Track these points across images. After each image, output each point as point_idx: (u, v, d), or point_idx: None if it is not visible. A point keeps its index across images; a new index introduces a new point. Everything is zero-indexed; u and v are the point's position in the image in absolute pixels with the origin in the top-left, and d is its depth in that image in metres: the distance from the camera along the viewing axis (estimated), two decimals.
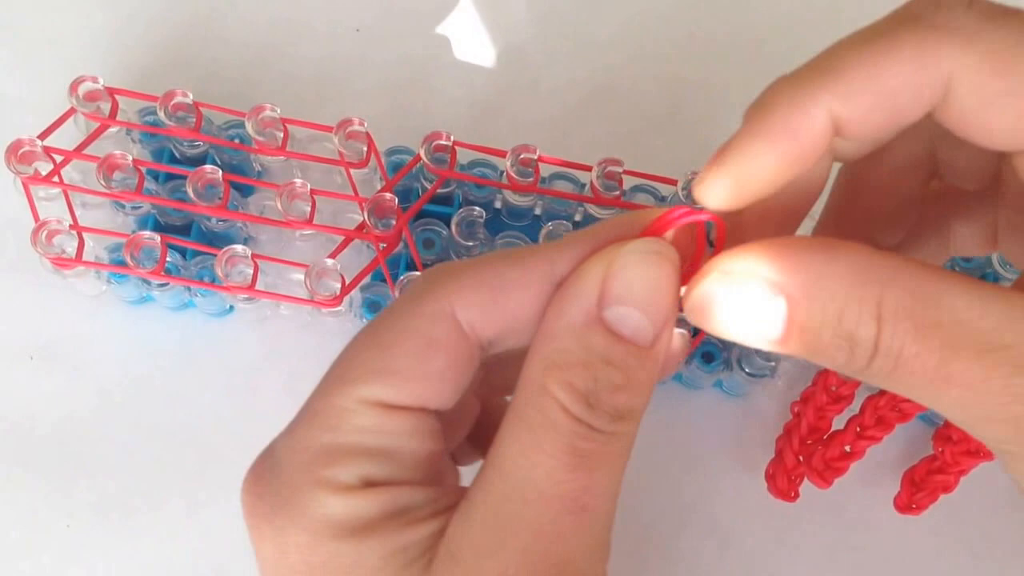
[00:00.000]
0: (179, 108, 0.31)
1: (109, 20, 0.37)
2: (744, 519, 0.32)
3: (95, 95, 0.31)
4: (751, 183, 0.19)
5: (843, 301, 0.18)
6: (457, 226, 0.31)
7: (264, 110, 0.31)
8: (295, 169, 0.33)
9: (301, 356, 0.33)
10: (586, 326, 0.19)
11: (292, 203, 0.30)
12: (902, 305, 0.18)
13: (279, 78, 0.37)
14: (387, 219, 0.30)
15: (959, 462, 0.30)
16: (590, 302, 0.19)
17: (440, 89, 0.37)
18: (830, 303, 0.18)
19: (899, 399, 0.29)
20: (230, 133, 0.33)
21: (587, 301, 0.19)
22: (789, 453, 0.31)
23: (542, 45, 0.38)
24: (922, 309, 0.17)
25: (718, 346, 0.31)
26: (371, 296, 0.31)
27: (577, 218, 0.34)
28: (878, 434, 0.30)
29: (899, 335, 0.18)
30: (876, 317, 0.18)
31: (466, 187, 0.33)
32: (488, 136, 0.32)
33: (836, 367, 0.19)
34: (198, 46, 0.37)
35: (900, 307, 0.17)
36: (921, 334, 0.17)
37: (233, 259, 0.29)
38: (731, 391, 0.33)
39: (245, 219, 0.31)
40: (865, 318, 0.18)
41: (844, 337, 0.18)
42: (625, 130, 0.37)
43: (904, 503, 0.32)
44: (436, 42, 0.38)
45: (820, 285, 0.18)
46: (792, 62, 0.28)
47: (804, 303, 0.18)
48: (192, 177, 0.30)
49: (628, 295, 0.19)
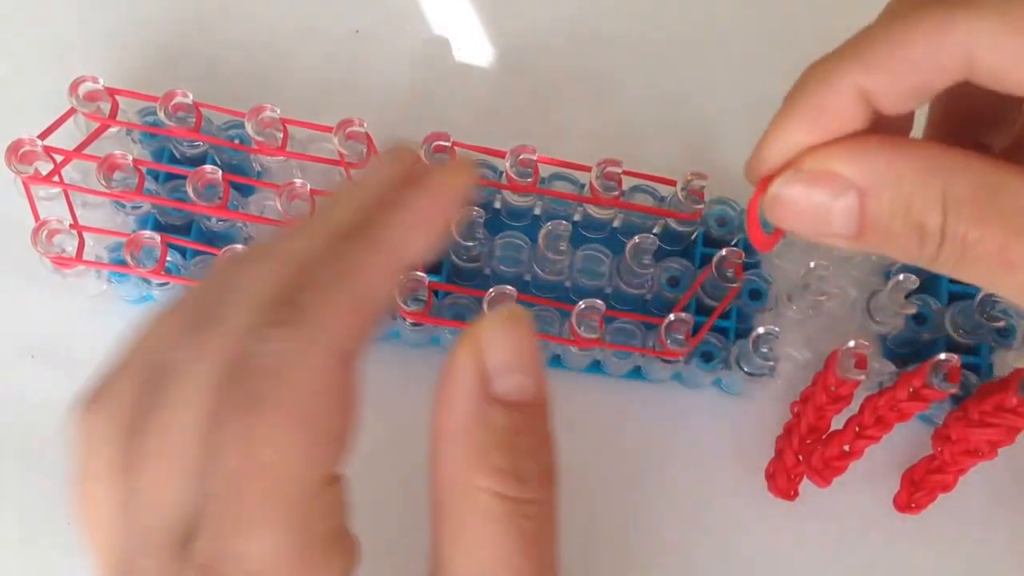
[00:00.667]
0: (179, 108, 0.31)
1: (110, 20, 0.38)
2: (744, 518, 0.32)
3: (95, 95, 0.31)
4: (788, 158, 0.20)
5: (910, 191, 0.19)
6: (457, 226, 0.31)
7: (264, 110, 0.31)
8: (295, 169, 0.33)
9: None
10: (481, 409, 0.19)
11: (292, 203, 0.30)
12: (965, 193, 0.18)
13: (279, 78, 0.37)
14: None
15: (958, 462, 0.30)
16: (476, 386, 0.19)
17: (440, 90, 0.37)
18: (899, 193, 0.19)
19: (898, 399, 0.29)
20: (230, 133, 0.33)
21: (473, 386, 0.19)
22: (789, 452, 0.31)
23: (541, 46, 0.38)
24: (984, 197, 0.18)
25: (717, 345, 0.31)
26: None
27: (576, 218, 0.34)
28: (877, 434, 0.30)
29: (963, 221, 0.19)
30: (942, 205, 0.19)
31: None
32: (487, 137, 0.32)
33: (910, 258, 0.20)
34: (198, 47, 0.37)
35: (963, 195, 0.18)
36: (983, 220, 0.18)
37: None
38: (730, 390, 0.34)
39: (245, 219, 0.31)
40: (932, 205, 0.19)
41: (914, 226, 0.19)
42: (625, 130, 0.37)
43: (903, 502, 0.32)
44: (436, 43, 0.38)
45: (889, 177, 0.19)
46: (793, 62, 0.28)
47: (874, 195, 0.19)
48: (192, 177, 0.30)
49: (506, 364, 0.20)
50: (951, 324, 0.32)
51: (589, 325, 0.29)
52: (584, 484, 0.32)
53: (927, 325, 0.32)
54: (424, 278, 0.29)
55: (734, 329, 0.32)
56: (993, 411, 0.29)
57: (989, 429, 0.30)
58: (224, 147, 0.32)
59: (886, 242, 0.20)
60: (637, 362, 0.32)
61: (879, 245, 0.20)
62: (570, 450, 0.33)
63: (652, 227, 0.33)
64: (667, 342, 0.29)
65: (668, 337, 0.29)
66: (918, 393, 0.29)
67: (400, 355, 0.33)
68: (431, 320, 0.30)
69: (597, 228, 0.34)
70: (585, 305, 0.29)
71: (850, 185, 0.19)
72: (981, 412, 0.30)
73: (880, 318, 0.32)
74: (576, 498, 0.32)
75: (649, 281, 0.31)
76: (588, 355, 0.32)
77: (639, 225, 0.33)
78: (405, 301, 0.29)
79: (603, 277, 0.32)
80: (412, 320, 0.30)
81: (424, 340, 0.33)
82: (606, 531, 0.32)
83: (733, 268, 0.30)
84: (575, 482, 0.32)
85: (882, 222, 0.20)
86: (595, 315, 0.29)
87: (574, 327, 0.29)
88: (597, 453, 0.33)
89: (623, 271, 0.31)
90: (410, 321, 0.30)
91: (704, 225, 0.33)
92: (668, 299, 0.32)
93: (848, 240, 0.20)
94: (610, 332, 0.31)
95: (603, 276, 0.32)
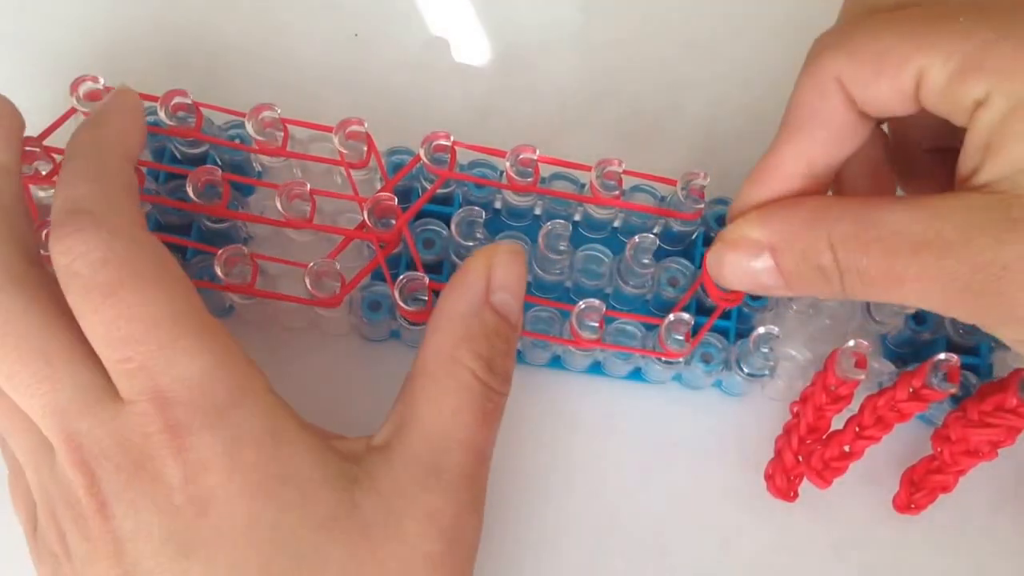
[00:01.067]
0: (179, 108, 0.31)
1: (110, 20, 0.38)
2: (743, 519, 0.32)
3: (95, 95, 0.31)
4: None
5: (804, 241, 0.23)
6: (457, 226, 0.31)
7: (264, 110, 0.31)
8: (295, 169, 0.33)
9: (303, 353, 0.33)
10: (480, 308, 0.25)
11: (292, 203, 0.30)
12: (847, 231, 0.22)
13: (279, 79, 0.37)
14: (387, 219, 0.30)
15: (958, 462, 0.30)
16: (481, 290, 0.25)
17: (440, 90, 0.37)
18: (796, 246, 0.23)
19: (898, 399, 0.29)
20: (230, 133, 0.33)
21: (479, 290, 0.25)
22: (788, 453, 0.31)
23: (541, 46, 0.38)
24: (864, 230, 0.22)
25: (717, 346, 0.31)
26: (371, 296, 0.31)
27: (577, 218, 0.34)
28: (877, 434, 0.30)
29: (851, 255, 0.22)
30: (829, 246, 0.22)
31: (466, 187, 0.33)
32: (488, 136, 0.32)
33: (830, 296, 0.23)
34: (198, 47, 0.37)
35: (846, 233, 0.22)
36: (865, 250, 0.22)
37: (232, 259, 0.29)
38: (730, 391, 0.34)
39: (245, 219, 0.31)
40: (823, 249, 0.23)
41: (816, 269, 0.23)
42: (625, 130, 0.37)
43: (903, 503, 0.32)
44: (435, 44, 0.38)
45: (787, 233, 0.23)
46: (791, 60, 0.28)
47: (780, 250, 0.24)
48: (192, 177, 0.30)
49: (505, 285, 0.26)
50: (951, 324, 0.32)
51: (589, 325, 0.29)
52: (585, 485, 0.32)
53: (927, 325, 0.32)
54: (424, 278, 0.29)
55: (734, 329, 0.32)
56: (993, 411, 0.29)
57: (989, 429, 0.30)
58: (224, 147, 0.32)
59: (807, 287, 0.24)
60: (638, 363, 0.32)
61: (804, 290, 0.24)
62: (571, 451, 0.33)
63: (653, 227, 0.33)
64: (667, 343, 0.29)
65: (668, 338, 0.29)
66: (918, 393, 0.29)
67: (400, 355, 0.33)
68: None
69: (597, 228, 0.34)
70: (585, 305, 0.29)
71: (762, 246, 0.24)
72: (981, 412, 0.30)
73: (880, 318, 0.32)
74: (576, 498, 0.32)
75: (649, 281, 0.31)
76: (589, 356, 0.32)
77: (639, 225, 0.33)
78: (405, 301, 0.29)
79: (603, 277, 0.32)
80: (412, 320, 0.30)
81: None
82: (606, 531, 0.32)
83: None
84: (576, 482, 0.32)
85: (795, 271, 0.23)
86: (595, 315, 0.29)
87: (574, 327, 0.29)
88: (597, 454, 0.33)
89: (623, 271, 0.31)
90: (410, 321, 0.30)
91: (704, 225, 0.33)
92: (668, 299, 0.32)
93: (783, 291, 0.24)
94: (611, 333, 0.31)
95: (603, 276, 0.32)
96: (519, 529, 0.32)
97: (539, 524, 0.32)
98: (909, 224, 0.21)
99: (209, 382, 0.23)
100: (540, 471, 0.32)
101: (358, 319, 0.32)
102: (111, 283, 0.22)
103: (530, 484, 0.32)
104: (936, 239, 0.21)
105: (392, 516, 0.24)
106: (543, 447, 0.26)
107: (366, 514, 0.23)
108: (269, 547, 0.23)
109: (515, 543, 0.31)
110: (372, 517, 0.23)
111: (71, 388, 0.23)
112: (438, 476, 0.24)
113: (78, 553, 0.23)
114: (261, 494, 0.23)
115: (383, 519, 0.23)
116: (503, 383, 0.26)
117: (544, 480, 0.32)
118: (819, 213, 0.23)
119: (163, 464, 0.23)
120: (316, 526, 0.23)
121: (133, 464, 0.23)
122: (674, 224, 0.32)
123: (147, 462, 0.23)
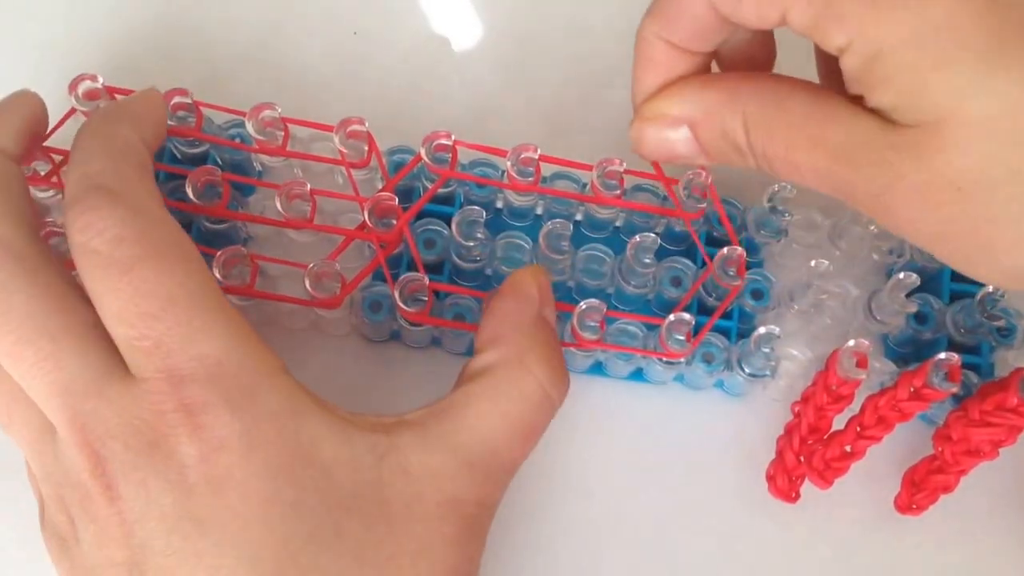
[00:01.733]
0: (180, 108, 0.31)
1: (110, 20, 0.37)
2: (744, 520, 0.32)
3: (94, 94, 0.31)
4: None
5: (721, 118, 0.24)
6: (458, 226, 0.31)
7: (265, 110, 0.31)
8: (296, 169, 0.33)
9: (303, 354, 0.33)
10: (539, 320, 0.26)
11: (292, 203, 0.30)
12: (758, 112, 0.24)
13: (280, 78, 0.37)
14: (388, 219, 0.30)
15: (959, 462, 0.30)
16: (538, 303, 0.27)
17: (440, 89, 0.37)
18: (714, 122, 0.25)
19: (899, 399, 0.29)
20: (231, 133, 0.33)
21: (536, 302, 0.27)
22: (790, 453, 0.31)
23: (542, 45, 0.38)
24: (772, 113, 0.23)
25: (718, 347, 0.31)
26: (372, 296, 0.31)
27: (578, 217, 0.34)
28: (878, 434, 0.30)
29: (759, 137, 0.24)
30: (743, 125, 0.24)
31: (467, 187, 0.33)
32: (489, 136, 0.32)
33: (745, 166, 0.25)
34: (199, 46, 0.37)
35: (757, 114, 0.24)
36: (771, 135, 0.23)
37: (232, 260, 0.29)
38: (731, 391, 0.33)
39: (245, 219, 0.31)
40: (737, 127, 0.24)
41: (732, 145, 0.25)
42: (625, 130, 0.37)
43: (904, 503, 0.32)
44: (435, 43, 0.38)
45: (704, 109, 0.25)
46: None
47: (699, 125, 0.25)
48: (192, 177, 0.30)
49: (550, 302, 0.27)
50: (952, 323, 0.32)
51: (590, 326, 0.29)
52: (586, 485, 0.32)
53: (928, 324, 0.32)
54: (425, 278, 0.29)
55: (736, 329, 0.32)
56: (994, 411, 0.29)
57: (990, 429, 0.30)
58: (225, 146, 0.32)
59: (724, 158, 0.25)
60: (639, 363, 0.32)
61: (720, 160, 0.26)
62: (571, 451, 0.33)
63: (654, 226, 0.33)
64: (668, 343, 0.29)
65: (669, 338, 0.29)
66: (919, 393, 0.29)
67: (401, 355, 0.33)
68: (432, 320, 0.30)
69: (599, 227, 0.33)
70: (586, 305, 0.29)
71: (681, 121, 0.25)
72: (982, 412, 0.30)
73: (881, 317, 0.32)
74: (577, 499, 0.32)
75: (651, 281, 0.31)
76: (590, 356, 0.32)
77: (641, 224, 0.33)
78: (406, 302, 0.29)
79: (605, 277, 0.32)
80: (413, 320, 0.30)
81: (425, 340, 0.33)
82: (607, 532, 0.32)
83: (735, 267, 0.30)
84: (576, 483, 0.32)
85: (712, 144, 0.25)
86: (596, 315, 0.29)
87: (575, 328, 0.29)
88: (599, 455, 0.33)
89: (625, 271, 0.31)
90: (411, 321, 0.30)
91: (706, 224, 0.33)
92: (670, 299, 0.32)
93: (700, 160, 0.26)
94: (612, 333, 0.31)
95: (605, 276, 0.32)
96: (519, 529, 0.32)
97: (539, 524, 0.32)
98: (807, 119, 0.23)
99: (227, 361, 0.22)
100: (540, 471, 0.32)
101: (359, 320, 0.32)
102: (129, 259, 0.22)
103: (531, 484, 0.32)
104: (829, 142, 0.23)
105: (416, 497, 0.23)
106: (543, 447, 0.26)
107: (390, 492, 0.23)
108: (286, 526, 0.22)
109: (515, 543, 0.31)
110: (396, 495, 0.23)
111: (77, 367, 0.22)
112: (471, 470, 0.24)
113: (85, 536, 0.23)
114: (281, 474, 0.22)
115: (406, 499, 0.23)
116: (561, 394, 0.26)
117: (544, 480, 0.32)
118: (733, 91, 0.24)
119: (177, 442, 0.22)
120: (336, 505, 0.23)
121: (145, 443, 0.22)
122: (675, 223, 0.32)
123: (160, 440, 0.22)
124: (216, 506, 0.22)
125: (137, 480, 0.22)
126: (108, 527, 0.22)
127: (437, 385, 0.27)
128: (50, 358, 0.23)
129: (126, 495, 0.22)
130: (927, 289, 0.33)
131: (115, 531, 0.22)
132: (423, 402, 0.27)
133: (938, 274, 0.33)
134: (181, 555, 0.22)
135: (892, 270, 0.34)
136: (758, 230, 0.33)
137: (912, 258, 0.33)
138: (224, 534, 0.22)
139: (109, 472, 0.22)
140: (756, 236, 0.33)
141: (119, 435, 0.22)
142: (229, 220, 0.31)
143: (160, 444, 0.22)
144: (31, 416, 0.24)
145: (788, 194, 0.32)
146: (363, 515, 0.23)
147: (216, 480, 0.22)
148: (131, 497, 0.22)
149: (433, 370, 0.33)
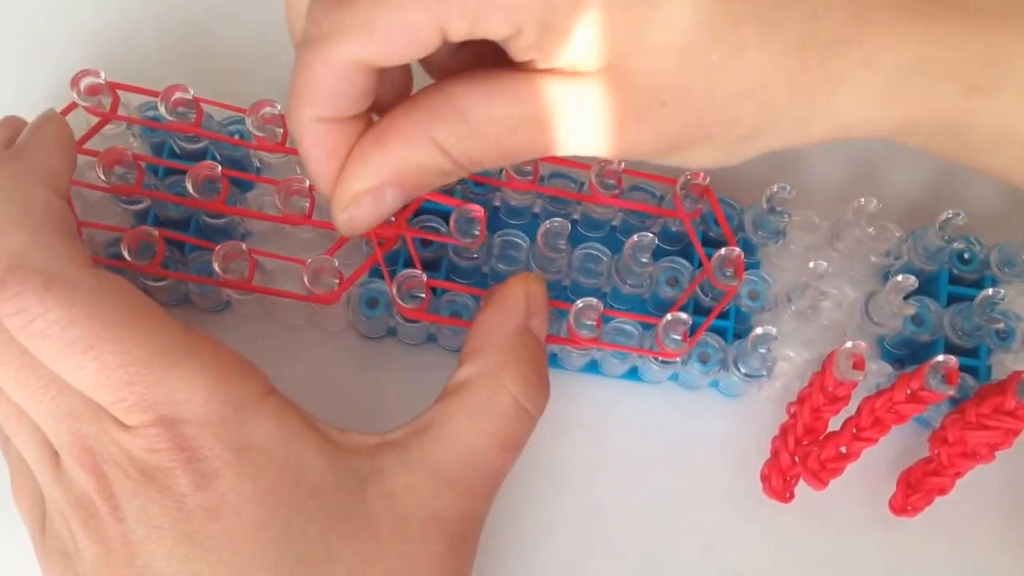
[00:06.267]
0: (180, 104, 0.31)
1: (111, 16, 0.38)
2: (739, 520, 0.32)
3: (96, 89, 0.31)
4: None
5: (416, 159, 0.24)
6: (456, 224, 0.31)
7: (264, 106, 0.31)
8: (295, 165, 0.33)
9: (300, 349, 0.33)
10: (523, 332, 0.26)
11: (290, 199, 0.30)
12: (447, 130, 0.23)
13: (280, 76, 0.37)
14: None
15: (955, 464, 0.30)
16: (523, 315, 0.26)
17: None
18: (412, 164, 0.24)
19: (896, 401, 0.29)
20: (230, 129, 0.33)
21: (521, 314, 0.26)
22: (785, 454, 0.31)
23: None
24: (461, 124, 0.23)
25: (715, 347, 0.31)
26: (369, 292, 0.32)
27: (575, 216, 0.34)
28: (874, 435, 0.30)
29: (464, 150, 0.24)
30: (441, 151, 0.23)
31: (465, 184, 0.33)
32: None
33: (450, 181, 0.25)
34: (200, 42, 0.38)
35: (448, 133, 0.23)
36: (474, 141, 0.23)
37: (231, 254, 0.29)
38: (727, 392, 0.33)
39: (243, 215, 0.31)
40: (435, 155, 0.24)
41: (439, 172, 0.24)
42: None
43: (899, 505, 0.32)
44: None
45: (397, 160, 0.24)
46: None
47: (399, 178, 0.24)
48: (191, 172, 0.30)
49: (539, 313, 0.27)
50: (950, 326, 0.32)
51: (587, 324, 0.29)
52: (579, 484, 0.32)
53: (925, 326, 0.32)
54: (422, 275, 0.29)
55: (732, 330, 0.32)
56: (991, 414, 0.29)
57: (987, 432, 0.30)
58: (224, 143, 0.32)
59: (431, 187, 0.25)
60: (634, 363, 0.32)
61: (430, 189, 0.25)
62: (565, 450, 0.33)
63: (651, 226, 0.33)
64: (664, 342, 0.29)
65: (665, 337, 0.29)
66: (916, 395, 0.29)
67: (397, 352, 0.33)
68: (428, 317, 0.30)
69: (596, 227, 0.33)
70: (583, 304, 0.29)
71: (381, 188, 0.24)
72: (979, 415, 0.30)
73: (878, 319, 0.32)
74: (571, 498, 0.32)
75: (647, 280, 0.31)
76: (586, 355, 0.32)
77: (638, 224, 0.33)
78: (403, 298, 0.29)
79: (601, 276, 0.32)
80: (410, 317, 0.30)
81: (421, 337, 0.33)
82: (600, 531, 0.32)
83: (732, 268, 0.30)
84: (570, 482, 0.32)
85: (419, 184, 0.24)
86: (593, 314, 0.29)
87: (572, 326, 0.29)
88: (593, 454, 0.33)
89: (621, 270, 0.31)
90: (407, 318, 0.30)
91: (703, 224, 0.33)
92: (666, 298, 0.32)
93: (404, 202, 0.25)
94: (608, 332, 0.31)
95: (601, 275, 0.32)
96: (512, 528, 0.32)
97: (532, 523, 0.32)
98: (494, 111, 0.23)
99: (212, 398, 0.23)
100: (534, 470, 0.32)
101: (356, 315, 0.32)
102: (87, 338, 0.22)
103: (524, 483, 0.32)
104: (528, 119, 0.23)
105: (401, 517, 0.24)
106: (537, 445, 0.26)
107: (376, 513, 0.24)
108: (279, 548, 0.23)
109: (508, 542, 0.31)
110: (382, 516, 0.24)
111: (79, 395, 0.23)
112: (452, 487, 0.25)
113: (89, 555, 0.23)
114: (271, 498, 0.23)
115: (392, 519, 0.24)
116: (538, 408, 0.26)
117: (538, 479, 0.32)
118: (410, 131, 0.24)
119: (173, 475, 0.23)
120: (326, 526, 0.23)
121: (142, 474, 0.23)
122: (672, 223, 0.32)
123: (156, 473, 0.23)
124: (212, 530, 0.23)
125: (138, 505, 0.23)
126: (114, 546, 0.23)
127: (432, 382, 0.27)
128: (52, 385, 0.23)
129: (129, 517, 0.23)
130: (925, 292, 0.33)
131: (121, 550, 0.23)
132: (417, 398, 0.27)
133: (936, 277, 0.33)
134: None
135: (889, 272, 0.34)
136: (756, 231, 0.33)
137: (910, 260, 0.33)
138: (220, 556, 0.23)
139: (116, 493, 0.23)
140: (754, 237, 0.33)
141: (120, 463, 0.23)
142: (228, 215, 0.32)
143: (157, 476, 0.23)
144: (35, 436, 0.24)
145: (787, 195, 0.32)
146: (352, 536, 0.24)
147: (211, 506, 0.23)
148: (134, 519, 0.23)
149: (429, 367, 0.33)
